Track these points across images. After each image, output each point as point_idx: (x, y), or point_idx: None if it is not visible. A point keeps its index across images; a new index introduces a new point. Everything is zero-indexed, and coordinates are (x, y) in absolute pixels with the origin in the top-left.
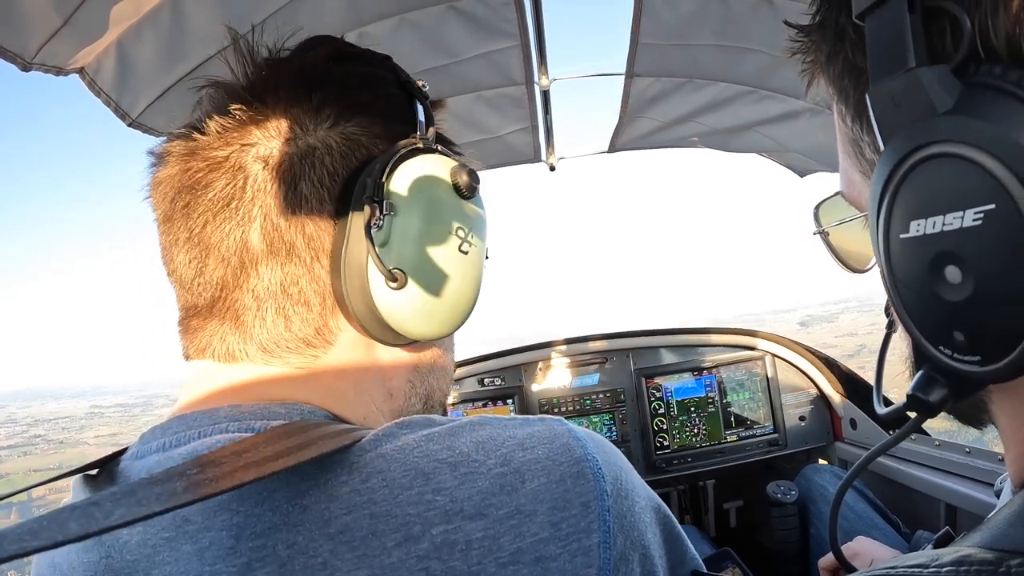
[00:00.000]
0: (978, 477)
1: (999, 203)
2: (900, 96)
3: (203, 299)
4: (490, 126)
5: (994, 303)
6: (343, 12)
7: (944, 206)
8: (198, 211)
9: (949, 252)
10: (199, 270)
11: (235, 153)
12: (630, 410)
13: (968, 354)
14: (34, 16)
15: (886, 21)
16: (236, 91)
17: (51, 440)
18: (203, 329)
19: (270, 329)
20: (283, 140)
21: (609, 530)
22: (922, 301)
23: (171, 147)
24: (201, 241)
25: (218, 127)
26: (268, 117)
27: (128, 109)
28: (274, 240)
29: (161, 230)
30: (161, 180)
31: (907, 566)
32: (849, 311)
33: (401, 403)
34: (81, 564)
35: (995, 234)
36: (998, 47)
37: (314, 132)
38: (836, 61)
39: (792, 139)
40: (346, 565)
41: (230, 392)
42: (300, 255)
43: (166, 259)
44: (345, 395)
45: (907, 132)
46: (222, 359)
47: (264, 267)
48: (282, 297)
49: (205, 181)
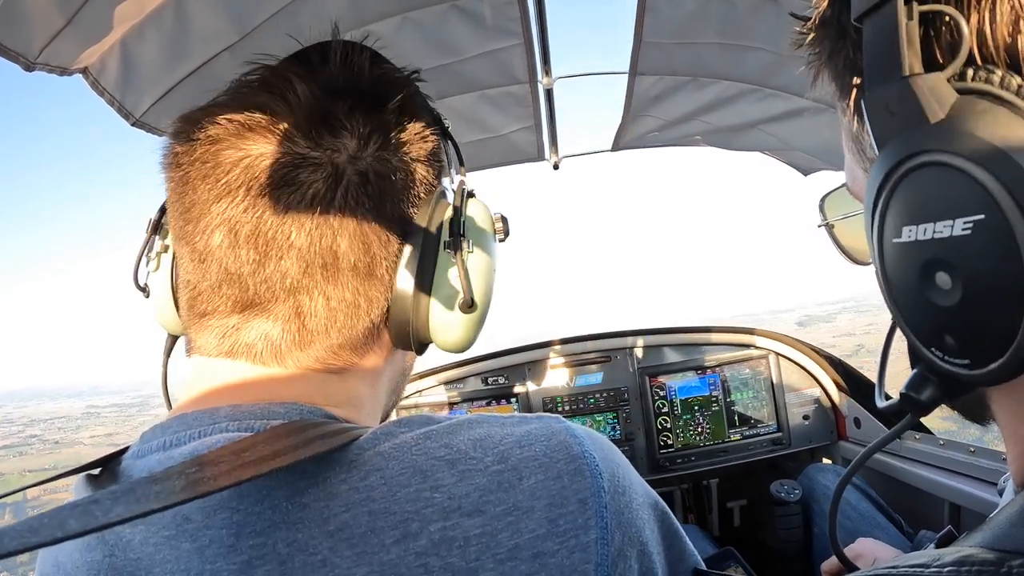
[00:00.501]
0: (982, 476)
1: (988, 214)
2: (894, 104)
3: (253, 295)
4: (493, 125)
5: (982, 310)
6: (346, 11)
7: (935, 214)
8: (280, 206)
9: (939, 259)
10: (263, 265)
11: (333, 159)
12: (633, 409)
13: (958, 357)
14: (37, 16)
15: (883, 26)
16: (318, 89)
17: (47, 440)
18: (246, 327)
19: (332, 336)
20: (379, 160)
21: (607, 526)
22: (914, 304)
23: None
24: (276, 238)
25: (300, 121)
26: (367, 128)
27: (132, 109)
28: (360, 252)
29: (197, 210)
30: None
31: (908, 565)
32: (847, 311)
33: (386, 399)
34: (84, 563)
35: (984, 244)
36: (995, 54)
37: (400, 158)
38: (838, 58)
39: (796, 137)
40: (345, 562)
41: (231, 391)
42: (376, 271)
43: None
44: (361, 397)
45: (900, 140)
46: (260, 361)
47: (345, 277)
48: (354, 308)
49: (299, 179)
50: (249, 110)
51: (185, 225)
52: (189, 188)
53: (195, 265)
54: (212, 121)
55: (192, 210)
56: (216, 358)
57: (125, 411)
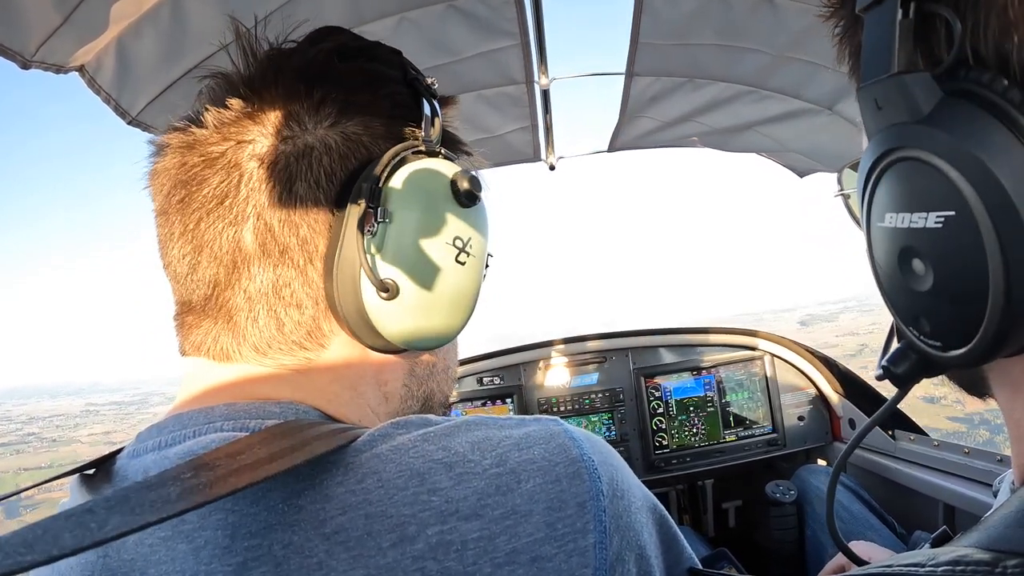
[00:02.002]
0: (977, 478)
1: (958, 211)
2: (883, 99)
3: (196, 296)
4: (490, 125)
5: (950, 299)
6: (343, 10)
7: (912, 205)
8: (192, 207)
9: (914, 248)
10: (192, 267)
11: (231, 149)
12: (629, 410)
13: (931, 339)
14: (34, 14)
15: (880, 22)
16: (236, 84)
17: (44, 438)
18: (197, 327)
19: (262, 330)
20: (280, 138)
21: (605, 530)
22: (895, 286)
23: (170, 139)
24: (195, 238)
25: (216, 120)
26: (266, 113)
27: (128, 107)
28: (267, 241)
29: (158, 222)
30: (158, 172)
31: (903, 565)
32: (849, 311)
33: (397, 406)
34: (78, 563)
35: (953, 238)
36: (987, 55)
37: (313, 131)
38: (853, 40)
39: (792, 139)
40: (342, 565)
41: (225, 390)
42: (293, 257)
43: (163, 252)
44: (340, 397)
45: (886, 134)
46: (216, 358)
47: (256, 267)
48: (274, 298)
49: (201, 177)
50: (187, 123)
51: (158, 229)
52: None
53: (167, 270)
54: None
55: (160, 217)
56: (188, 357)
57: (124, 409)
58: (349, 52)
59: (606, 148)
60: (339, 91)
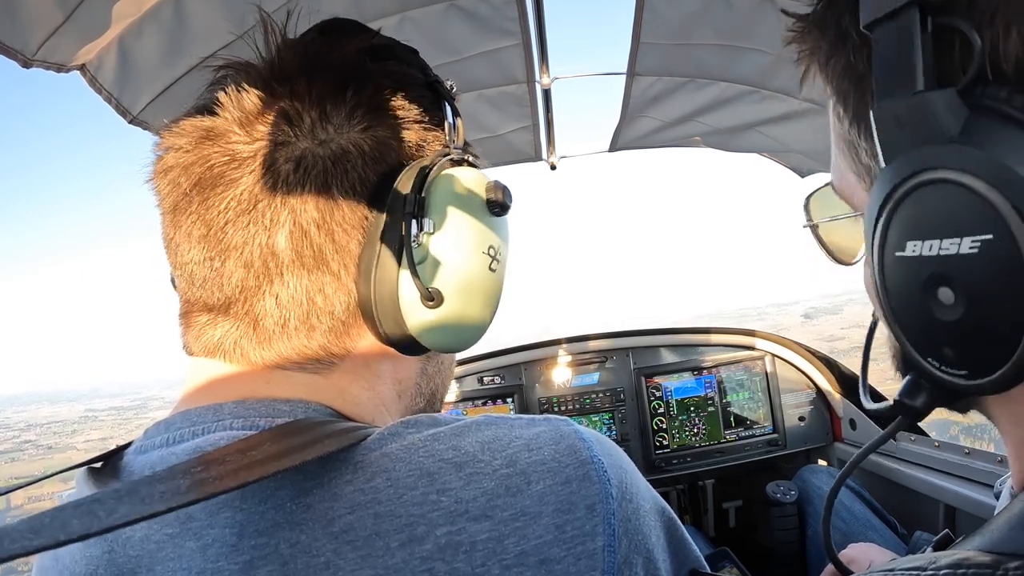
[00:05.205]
0: (978, 478)
1: (996, 234)
2: (905, 118)
3: (215, 298)
4: (491, 125)
5: (985, 325)
6: (344, 9)
7: (942, 231)
8: (218, 208)
9: (943, 275)
10: (216, 271)
11: (264, 150)
12: (629, 409)
13: (956, 368)
14: (35, 13)
15: (896, 37)
16: (262, 76)
17: (40, 445)
18: (213, 326)
19: (292, 336)
20: (316, 141)
21: (614, 534)
22: (913, 316)
23: (184, 132)
24: (221, 241)
25: (240, 115)
26: (300, 112)
27: (129, 106)
28: (302, 246)
29: (167, 220)
30: (171, 166)
31: (904, 568)
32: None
33: (408, 403)
34: (83, 558)
35: (990, 263)
36: (1007, 70)
37: (347, 133)
38: (837, 62)
39: (793, 139)
40: (349, 565)
41: (235, 388)
42: (329, 263)
43: (172, 250)
44: (358, 396)
45: (911, 155)
46: (231, 359)
47: (290, 274)
48: (308, 305)
49: (229, 178)
50: (201, 113)
51: (169, 227)
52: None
53: (179, 270)
54: (170, 131)
55: (170, 215)
56: (196, 356)
57: (122, 414)
58: (377, 51)
59: (607, 148)
60: (371, 92)
